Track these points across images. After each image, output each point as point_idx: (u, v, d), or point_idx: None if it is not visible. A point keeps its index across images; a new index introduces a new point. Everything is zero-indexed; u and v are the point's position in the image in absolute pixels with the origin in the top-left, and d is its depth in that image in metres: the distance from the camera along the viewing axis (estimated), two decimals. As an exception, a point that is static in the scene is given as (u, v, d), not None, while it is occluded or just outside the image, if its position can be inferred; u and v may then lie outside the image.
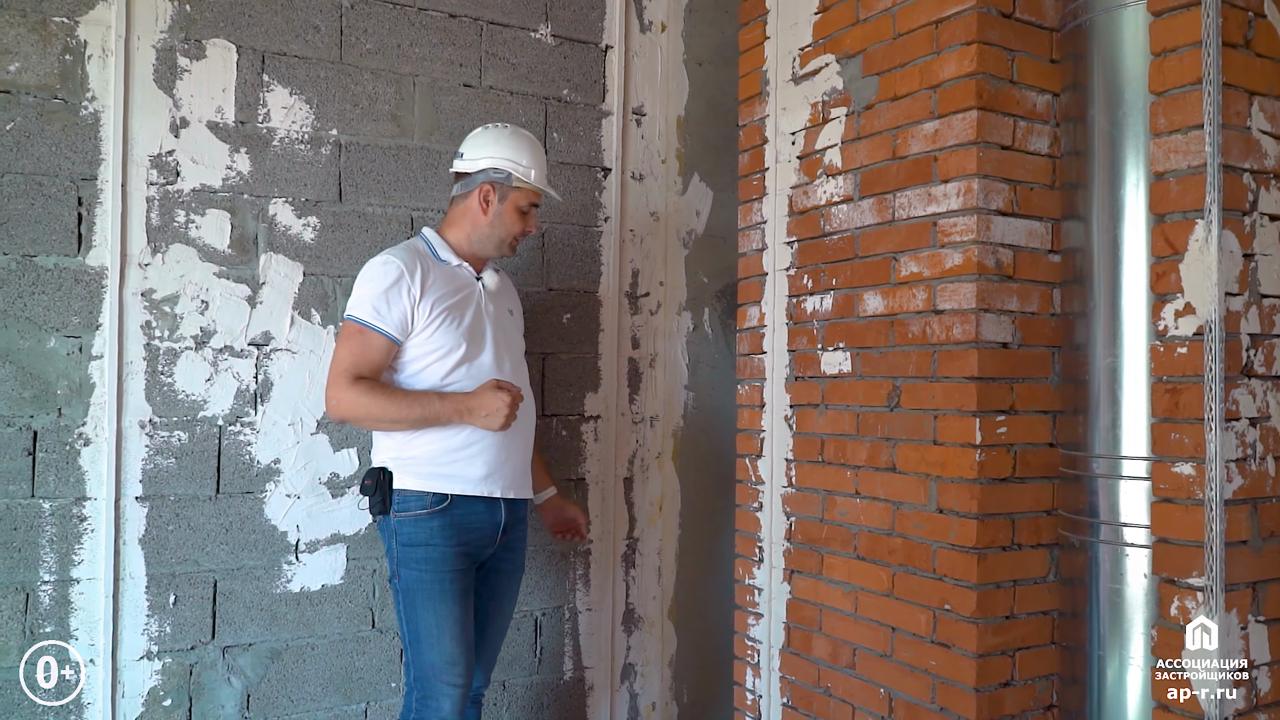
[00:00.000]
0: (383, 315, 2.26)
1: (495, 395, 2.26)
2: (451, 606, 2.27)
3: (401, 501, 2.30)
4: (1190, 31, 1.86)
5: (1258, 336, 1.90)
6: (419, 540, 2.28)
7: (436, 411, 2.25)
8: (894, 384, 2.47)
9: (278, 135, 2.67)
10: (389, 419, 2.25)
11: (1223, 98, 1.84)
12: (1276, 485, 1.93)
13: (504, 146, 2.42)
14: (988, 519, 2.26)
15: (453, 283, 2.37)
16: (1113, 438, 2.18)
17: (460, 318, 2.34)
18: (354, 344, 2.26)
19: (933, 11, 2.38)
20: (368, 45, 2.78)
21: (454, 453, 2.30)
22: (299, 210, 2.69)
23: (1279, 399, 1.94)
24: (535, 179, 2.42)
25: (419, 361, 2.32)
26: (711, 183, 3.33)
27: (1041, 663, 2.35)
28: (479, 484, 2.32)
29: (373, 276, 2.30)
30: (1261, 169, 1.92)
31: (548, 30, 3.04)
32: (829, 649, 2.65)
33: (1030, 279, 2.34)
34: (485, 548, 2.38)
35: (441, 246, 2.42)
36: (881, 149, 2.52)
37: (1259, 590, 1.90)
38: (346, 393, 2.23)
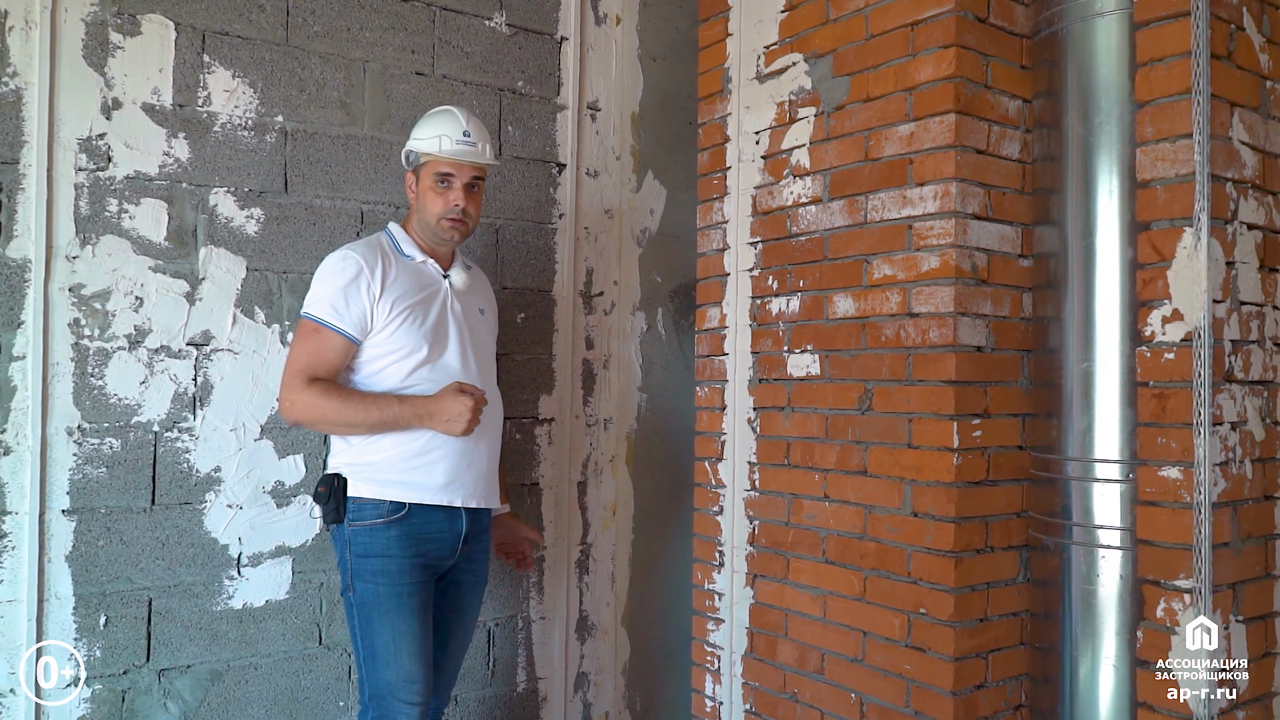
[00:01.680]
0: (340, 314, 2.15)
1: (457, 399, 2.14)
2: (409, 621, 2.16)
3: (356, 510, 2.18)
4: (1179, 42, 1.89)
5: (1237, 343, 1.95)
6: (374, 551, 2.17)
7: (395, 415, 2.14)
8: (866, 387, 2.46)
9: (219, 120, 2.49)
10: (345, 422, 2.14)
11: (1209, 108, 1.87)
12: (1253, 488, 1.99)
13: (421, 128, 2.33)
14: (964, 522, 2.26)
15: (416, 280, 2.26)
16: (1086, 441, 2.20)
17: (423, 317, 2.23)
18: (310, 343, 2.15)
19: (908, 14, 2.37)
20: (316, 27, 2.62)
21: (413, 459, 2.19)
22: (242, 201, 2.52)
23: (1255, 404, 1.99)
24: (437, 147, 2.25)
25: (378, 362, 2.20)
26: (665, 180, 3.27)
27: (1012, 664, 2.37)
28: (439, 492, 2.21)
29: (331, 272, 2.19)
30: (1241, 179, 1.97)
31: (502, 19, 2.93)
32: (796, 654, 2.62)
33: (1003, 283, 2.36)
34: (445, 559, 2.27)
35: (405, 241, 2.32)
36: (853, 150, 2.50)
37: (1238, 590, 1.95)
38: (301, 395, 2.12)
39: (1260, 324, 2.01)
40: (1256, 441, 2.00)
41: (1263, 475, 2.02)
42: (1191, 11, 1.85)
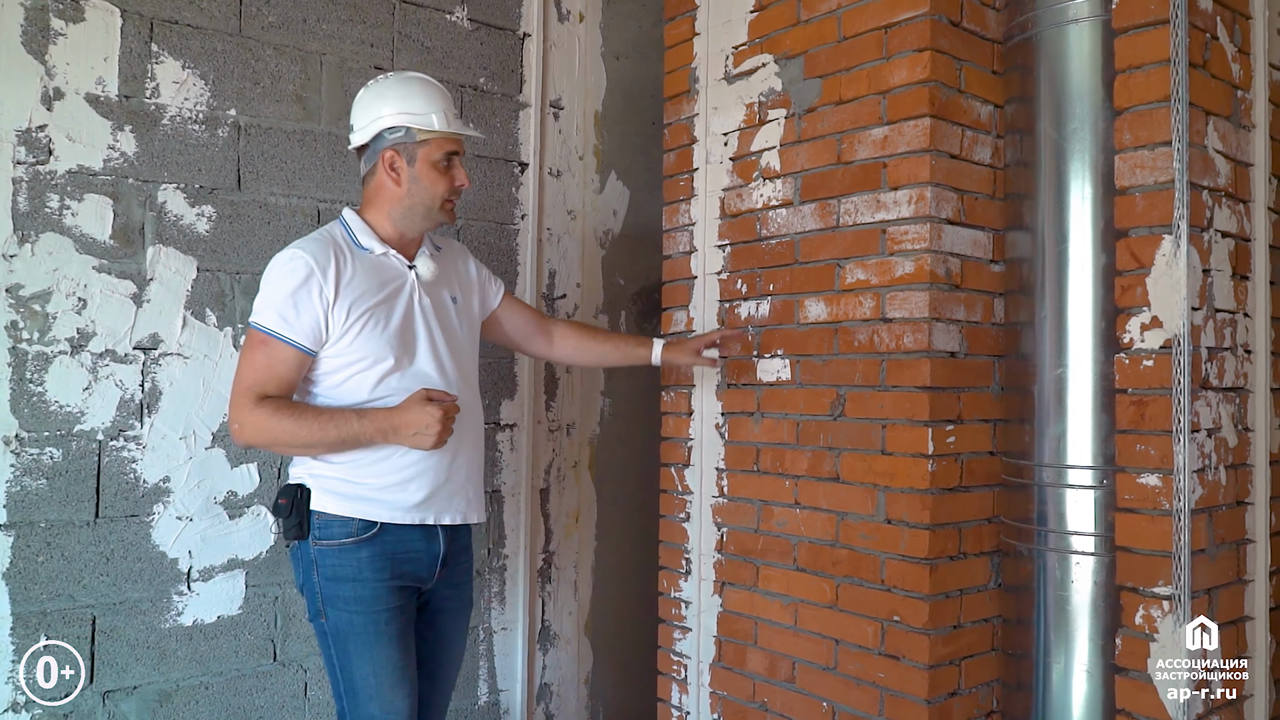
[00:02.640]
0: (290, 322, 1.90)
1: (423, 410, 1.90)
2: (389, 651, 1.96)
3: (322, 527, 1.97)
4: (1158, 49, 1.89)
5: (1213, 350, 1.96)
6: (345, 575, 1.95)
7: (356, 432, 1.90)
8: (838, 392, 2.43)
9: (168, 113, 2.37)
10: (300, 443, 1.90)
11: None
12: (1227, 494, 2.00)
13: (392, 100, 2.03)
14: (938, 529, 2.25)
15: (377, 276, 2.01)
16: (1060, 447, 2.21)
17: (386, 319, 1.99)
18: (257, 357, 1.91)
19: (882, 16, 2.35)
20: (270, 18, 2.52)
21: (383, 476, 1.97)
22: (192, 198, 2.40)
23: (1229, 410, 2.00)
24: (441, 123, 2.03)
25: (340, 374, 1.97)
26: (628, 181, 3.22)
27: (984, 670, 2.36)
28: (412, 511, 2.00)
29: (277, 277, 1.93)
30: (1216, 187, 1.98)
31: (464, 13, 2.85)
32: (766, 663, 2.59)
33: (975, 288, 2.35)
34: (424, 580, 2.06)
35: (363, 231, 2.05)
36: (825, 153, 2.47)
37: (1214, 596, 1.96)
38: (250, 415, 1.88)
39: (1233, 331, 2.03)
40: (1230, 448, 2.01)
41: (1235, 481, 2.04)
42: (1170, 20, 1.85)
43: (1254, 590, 2.08)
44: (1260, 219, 2.11)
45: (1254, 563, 2.08)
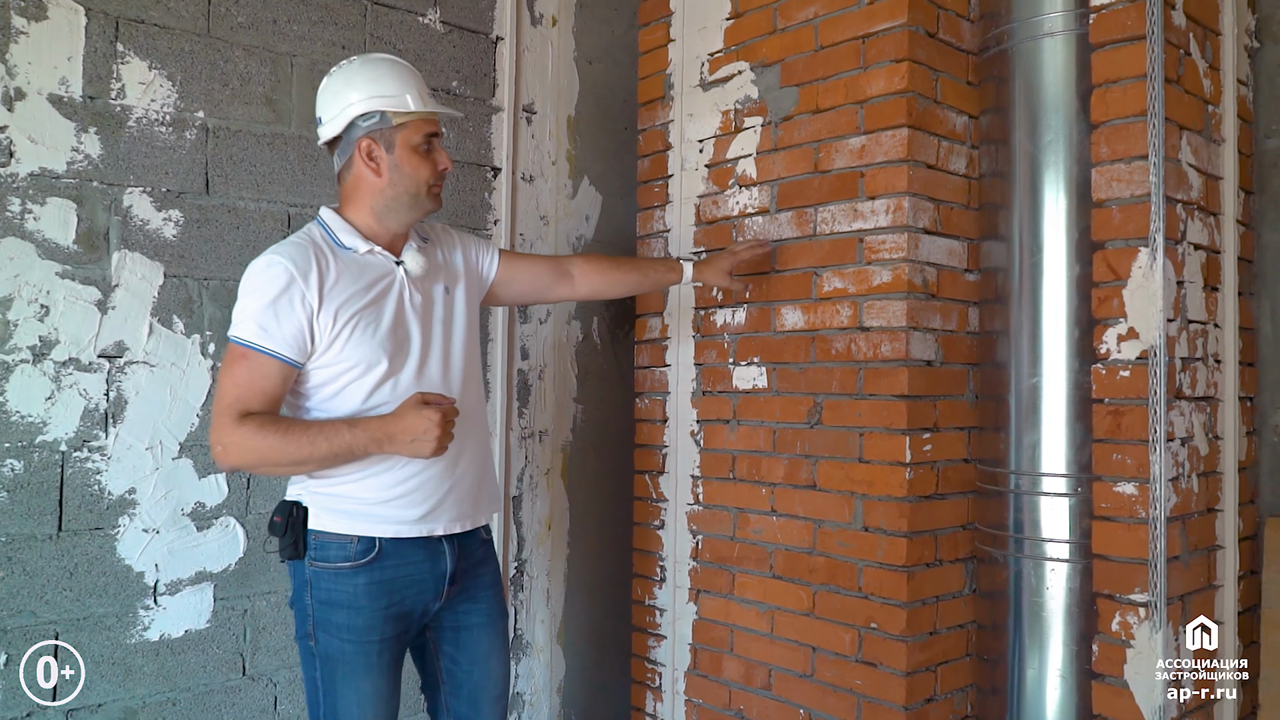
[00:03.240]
0: (271, 333, 1.76)
1: (420, 415, 1.76)
2: (377, 683, 1.86)
3: (319, 548, 1.86)
4: (1134, 65, 1.92)
5: (1186, 360, 2.00)
6: (340, 601, 1.85)
7: (348, 444, 1.76)
8: (815, 400, 2.44)
9: (134, 114, 2.31)
10: (289, 460, 1.76)
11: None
12: (1199, 501, 2.04)
13: (361, 85, 1.89)
14: (915, 536, 2.26)
15: (363, 277, 1.87)
16: (1035, 455, 2.23)
17: (376, 321, 1.86)
18: (237, 372, 1.77)
19: (859, 26, 2.36)
20: (240, 18, 2.46)
21: (382, 490, 1.86)
22: (159, 202, 2.34)
23: (1200, 419, 2.04)
24: (417, 103, 1.90)
25: (332, 385, 1.84)
26: (601, 187, 3.21)
27: (959, 675, 2.38)
28: (415, 524, 1.89)
29: (255, 285, 1.79)
30: (1189, 200, 2.02)
31: (436, 16, 2.82)
32: (742, 670, 2.59)
33: (950, 297, 2.37)
34: (428, 603, 1.94)
35: (344, 229, 1.90)
36: (802, 162, 2.48)
37: (1186, 602, 1.99)
38: (233, 435, 1.74)
39: (1204, 341, 2.07)
40: (1201, 456, 2.05)
41: (1207, 488, 2.08)
42: (1147, 36, 1.88)
43: (1223, 595, 2.12)
44: (1229, 231, 2.16)
45: (1223, 568, 2.12)
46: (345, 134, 1.91)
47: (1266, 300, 2.35)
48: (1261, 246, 2.36)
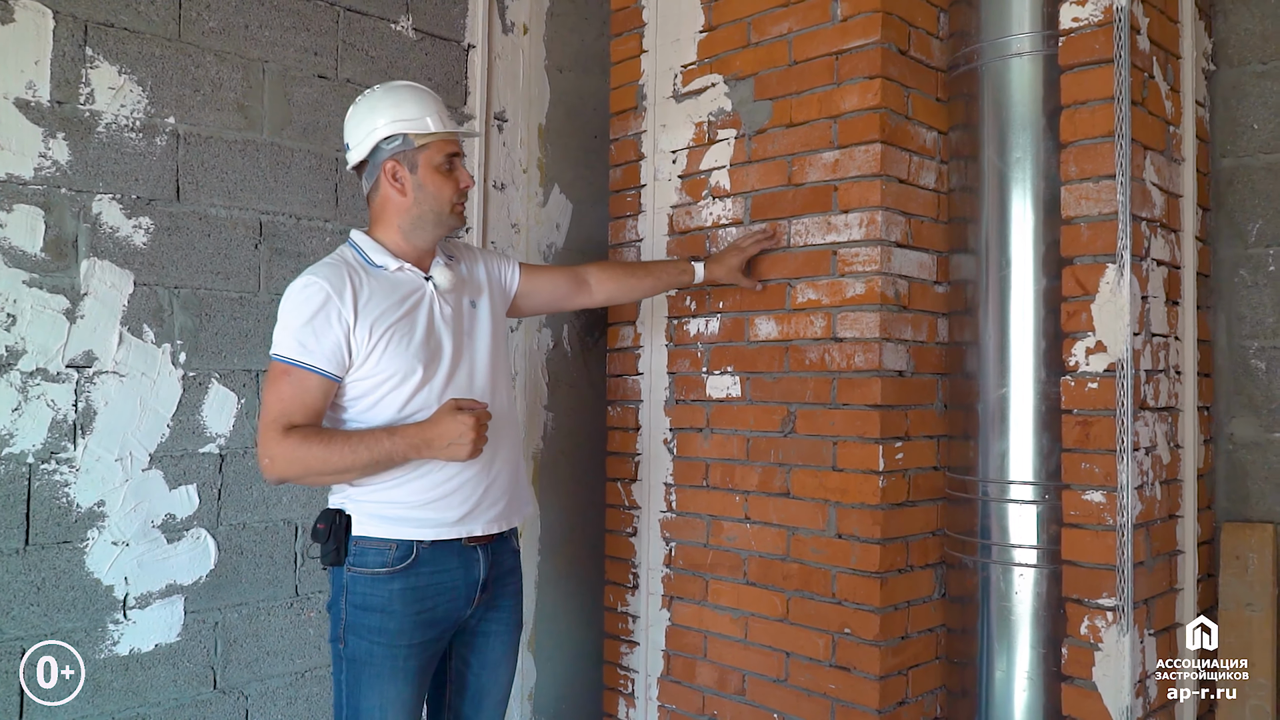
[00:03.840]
0: (311, 349, 1.86)
1: (455, 420, 1.85)
2: (402, 688, 1.92)
3: (359, 554, 1.93)
4: (1103, 87, 1.99)
5: (1150, 372, 2.07)
6: (374, 605, 1.92)
7: (388, 451, 1.86)
8: (789, 409, 2.48)
9: (104, 120, 2.27)
10: (333, 469, 1.85)
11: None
12: (1162, 508, 2.11)
13: (384, 111, 1.99)
14: (888, 543, 2.31)
15: (395, 293, 1.97)
16: (1003, 464, 2.30)
17: (410, 334, 1.95)
18: (281, 388, 1.86)
19: (833, 43, 2.40)
20: (211, 23, 2.43)
21: (420, 494, 1.94)
22: (129, 209, 2.30)
23: (1163, 429, 2.12)
24: (437, 124, 2.00)
25: (369, 396, 1.94)
26: (571, 195, 3.22)
27: (929, 678, 2.44)
28: (453, 526, 1.97)
29: (294, 304, 1.89)
30: (1153, 218, 2.09)
31: (409, 23, 2.81)
32: (715, 676, 2.62)
33: (921, 309, 2.43)
34: (460, 610, 2.01)
35: (375, 249, 2.01)
36: (776, 174, 2.52)
37: (1150, 605, 2.07)
38: (279, 447, 1.83)
39: (1166, 354, 2.15)
40: (1164, 464, 2.13)
41: (1168, 496, 2.16)
42: (1115, 60, 1.95)
43: (1184, 598, 2.20)
44: (1189, 247, 2.24)
45: (1183, 572, 2.20)
46: (371, 157, 2.01)
47: (1222, 313, 2.44)
48: (1217, 262, 2.45)
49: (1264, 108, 2.40)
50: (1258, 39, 2.41)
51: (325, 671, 2.60)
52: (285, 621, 2.54)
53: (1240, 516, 2.42)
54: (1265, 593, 2.26)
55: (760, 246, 2.51)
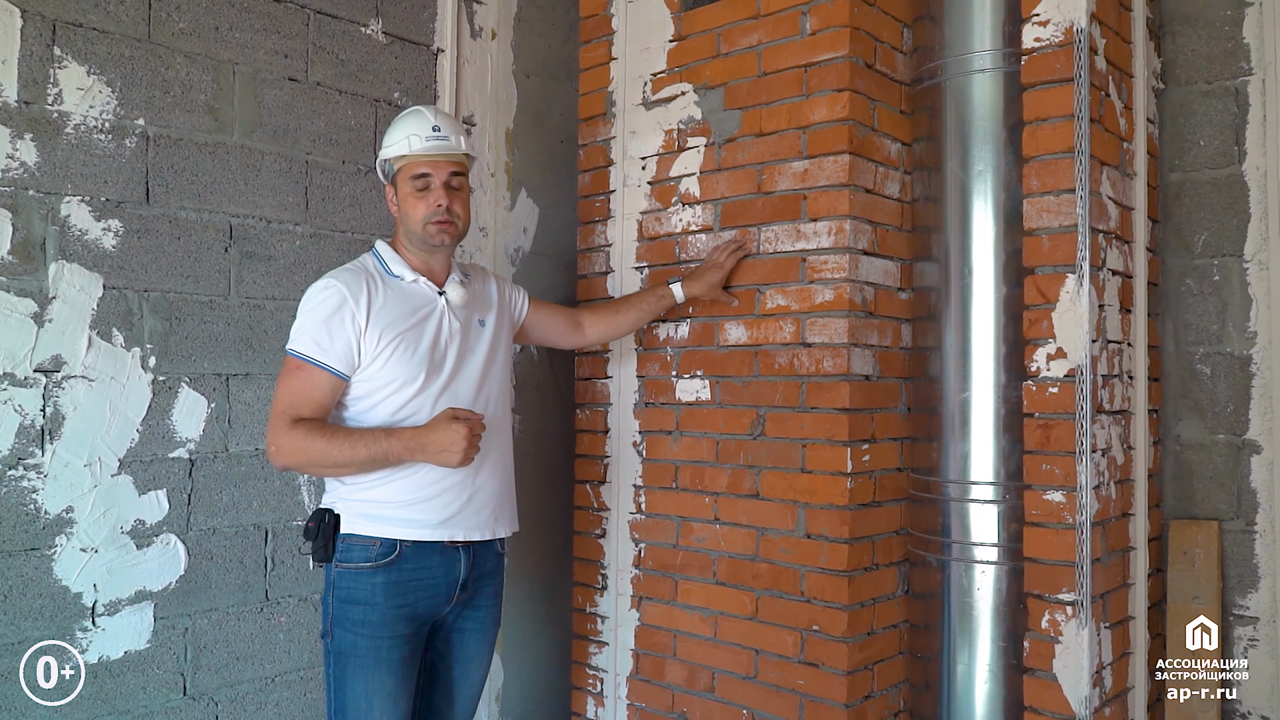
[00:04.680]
0: (324, 348, 2.00)
1: (450, 428, 1.97)
2: (385, 678, 2.02)
3: (344, 551, 2.05)
4: (1063, 105, 2.08)
5: (1106, 377, 2.17)
6: (358, 598, 2.03)
7: (385, 450, 1.98)
8: (758, 413, 2.54)
9: (72, 121, 2.24)
10: (332, 463, 1.98)
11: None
12: (1116, 507, 2.22)
13: (387, 135, 2.20)
14: (856, 542, 2.38)
15: (407, 303, 2.10)
16: (965, 465, 2.38)
17: (416, 343, 2.07)
18: (293, 382, 2.00)
19: (802, 55, 2.47)
20: (181, 24, 2.41)
21: (408, 493, 2.04)
22: (98, 212, 2.27)
23: (1117, 431, 2.22)
24: (404, 147, 2.11)
25: (370, 398, 2.06)
26: (538, 199, 3.24)
27: (893, 673, 2.52)
28: (436, 529, 2.06)
29: (313, 304, 2.04)
30: (1109, 230, 2.19)
31: (379, 26, 2.81)
32: (685, 674, 2.67)
33: (887, 315, 2.50)
34: (439, 606, 2.12)
35: (394, 260, 2.16)
36: (745, 182, 2.58)
37: (1106, 600, 2.16)
38: (285, 438, 1.96)
39: (1120, 359, 2.25)
40: (1118, 465, 2.23)
41: (1122, 495, 2.26)
42: (1075, 79, 2.04)
43: (1135, 592, 2.31)
44: (1140, 257, 2.35)
45: (1135, 568, 2.31)
46: (384, 177, 2.23)
47: (1170, 321, 2.56)
48: (1165, 271, 2.57)
49: (1209, 125, 2.52)
50: (1203, 59, 2.53)
51: (296, 676, 2.59)
52: (255, 626, 2.53)
53: (1186, 514, 2.54)
54: (1210, 586, 2.39)
55: (736, 259, 2.57)
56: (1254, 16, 2.46)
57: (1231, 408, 2.49)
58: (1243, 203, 2.47)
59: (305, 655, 2.61)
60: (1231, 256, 2.49)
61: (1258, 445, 2.45)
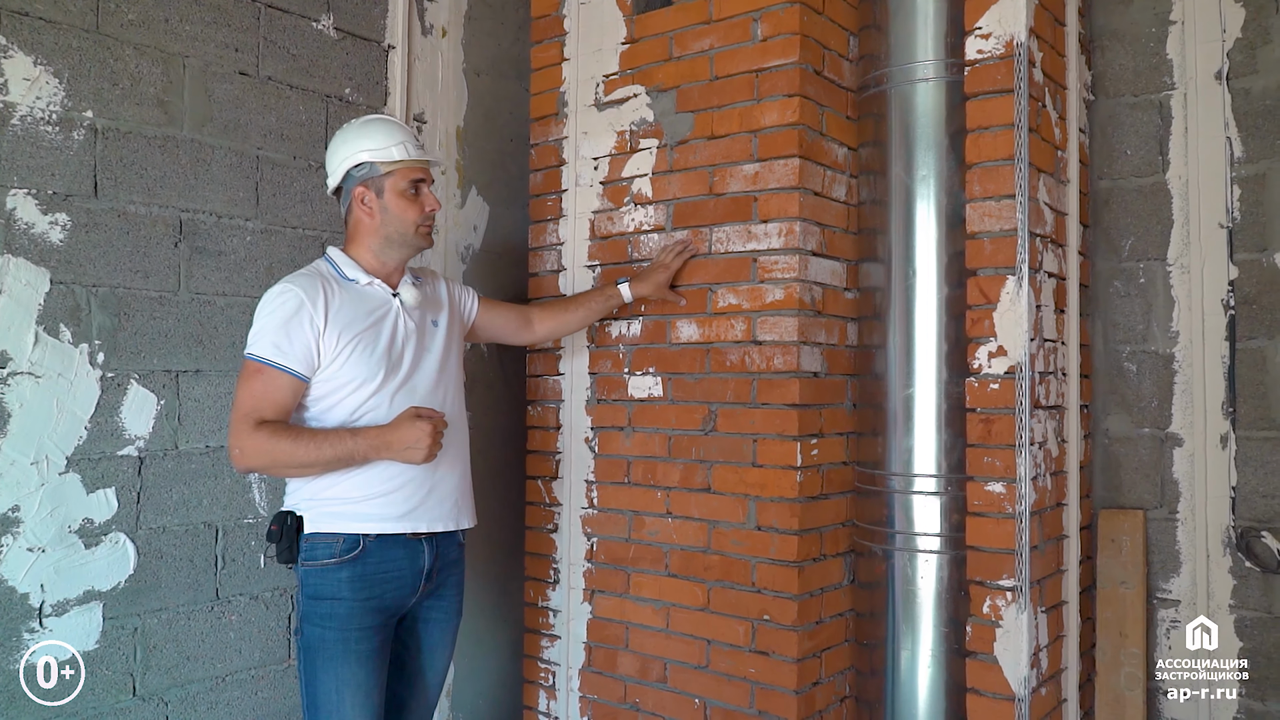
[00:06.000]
0: (284, 351, 2.01)
1: (414, 426, 2.03)
2: (355, 670, 2.04)
3: (309, 549, 2.07)
4: (1004, 114, 2.18)
5: (1043, 374, 2.28)
6: (325, 594, 2.06)
7: (350, 450, 2.01)
8: (710, 409, 2.60)
9: (18, 112, 2.19)
10: (298, 463, 2.00)
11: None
12: (1051, 497, 2.33)
13: (354, 141, 2.19)
14: (805, 534, 2.46)
15: (363, 305, 2.13)
16: (909, 458, 2.48)
17: (373, 344, 2.11)
18: (254, 385, 2.01)
19: (753, 61, 2.53)
20: (130, 15, 2.37)
21: (369, 487, 2.08)
22: (45, 205, 2.23)
23: (1052, 425, 2.34)
24: (401, 153, 2.17)
25: (330, 398, 2.08)
26: (488, 197, 3.26)
27: (840, 660, 2.60)
28: (399, 521, 2.10)
29: (270, 309, 2.05)
30: (1045, 234, 2.30)
31: (330, 22, 2.79)
32: (637, 665, 2.72)
33: (833, 314, 2.59)
34: (405, 598, 2.16)
35: (348, 264, 2.18)
36: (697, 184, 2.63)
37: (1043, 586, 2.28)
38: (249, 440, 1.97)
39: (1055, 357, 2.37)
40: (1053, 458, 2.35)
41: (1056, 486, 2.38)
42: (1015, 90, 2.14)
43: (1068, 578, 2.43)
44: (1073, 260, 2.47)
45: (1068, 555, 2.43)
46: (344, 183, 2.20)
47: (1099, 321, 2.70)
48: (1095, 274, 2.71)
49: (1136, 135, 2.66)
50: (1130, 74, 2.68)
51: (248, 675, 2.58)
52: (206, 625, 2.51)
53: (1114, 504, 2.68)
54: (1137, 572, 2.52)
55: (683, 259, 2.63)
56: (1177, 34, 2.61)
57: (1156, 403, 2.63)
58: (1166, 210, 2.62)
59: (256, 654, 2.59)
60: (1156, 260, 2.63)
61: (1179, 438, 2.60)
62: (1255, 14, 2.52)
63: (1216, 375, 2.55)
